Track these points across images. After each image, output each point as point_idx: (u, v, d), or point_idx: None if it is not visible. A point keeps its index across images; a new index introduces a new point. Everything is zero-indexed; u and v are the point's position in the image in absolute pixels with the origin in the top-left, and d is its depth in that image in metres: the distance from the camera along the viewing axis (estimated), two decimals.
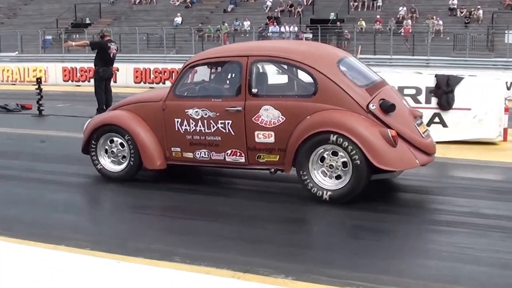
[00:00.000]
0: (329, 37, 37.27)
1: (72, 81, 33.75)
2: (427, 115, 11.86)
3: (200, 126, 8.55)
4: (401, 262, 6.11)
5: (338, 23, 38.00)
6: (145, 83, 31.27)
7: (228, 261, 5.81)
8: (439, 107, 12.14)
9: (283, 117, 8.07)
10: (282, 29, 38.64)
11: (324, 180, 7.92)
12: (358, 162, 7.65)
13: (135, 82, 31.46)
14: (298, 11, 40.76)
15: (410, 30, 36.53)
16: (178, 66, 24.70)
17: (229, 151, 8.46)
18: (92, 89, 17.72)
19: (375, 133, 7.73)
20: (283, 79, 9.07)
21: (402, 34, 36.95)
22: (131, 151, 9.01)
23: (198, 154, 8.67)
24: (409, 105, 8.88)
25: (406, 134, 7.98)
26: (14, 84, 33.71)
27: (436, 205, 8.21)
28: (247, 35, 39.23)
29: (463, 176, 10.10)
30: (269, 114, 8.14)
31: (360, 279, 5.45)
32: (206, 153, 8.61)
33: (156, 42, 39.83)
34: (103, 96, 16.49)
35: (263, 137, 8.20)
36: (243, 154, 8.40)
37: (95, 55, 16.69)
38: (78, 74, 33.64)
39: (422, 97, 12.22)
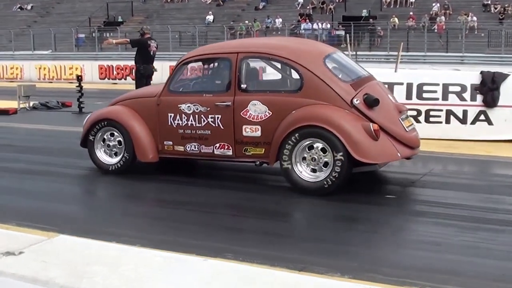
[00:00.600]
0: (362, 34, 37.29)
1: (108, 78, 34.02)
2: (472, 112, 11.87)
3: (191, 121, 8.92)
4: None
5: (371, 20, 37.96)
6: None
7: (280, 258, 5.84)
8: (484, 105, 12.02)
9: (269, 111, 8.40)
10: (315, 26, 38.71)
11: (306, 172, 8.18)
12: (340, 155, 7.88)
13: None
14: (330, 8, 40.80)
15: (444, 27, 36.35)
16: None
17: (217, 145, 8.81)
18: (129, 87, 18.00)
19: (357, 127, 7.98)
20: (271, 75, 9.51)
21: (436, 30, 36.73)
22: (126, 144, 9.39)
23: (188, 147, 9.03)
24: (395, 100, 9.08)
25: (389, 128, 8.24)
26: (51, 82, 34.10)
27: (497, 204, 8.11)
28: (279, 32, 39.30)
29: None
30: (256, 109, 8.47)
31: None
32: (196, 146, 8.97)
33: (188, 40, 40.08)
34: None
35: (250, 131, 8.55)
36: (230, 147, 8.74)
37: (135, 53, 16.78)
38: (115, 72, 33.98)
39: (467, 94, 12.13)
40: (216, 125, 8.76)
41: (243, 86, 8.63)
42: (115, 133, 9.53)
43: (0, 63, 37.20)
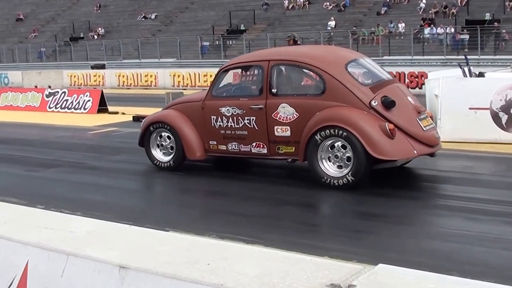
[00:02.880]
0: (486, 38, 36.86)
1: None
2: None
3: (230, 122, 9.89)
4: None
5: (495, 23, 37.46)
6: None
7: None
8: None
9: (297, 113, 9.25)
10: (439, 30, 38.45)
11: (331, 168, 9.00)
12: (359, 152, 8.67)
13: None
14: (453, 12, 40.40)
15: None
16: None
17: (254, 144, 9.76)
18: None
19: (374, 126, 8.71)
20: (299, 80, 10.21)
21: None
22: (176, 144, 10.51)
23: (230, 146, 10.03)
24: (415, 101, 9.58)
25: (405, 127, 8.91)
26: (185, 89, 35.05)
27: None
28: (402, 37, 39.28)
29: None
30: (285, 111, 9.34)
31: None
32: (236, 145, 9.95)
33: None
34: None
35: (281, 131, 9.43)
36: (265, 146, 9.67)
37: None
38: None
39: None
40: (252, 126, 9.70)
41: (274, 90, 9.55)
42: (168, 134, 10.67)
43: (131, 71, 38.30)
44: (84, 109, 21.24)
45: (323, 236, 7.34)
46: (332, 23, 42.50)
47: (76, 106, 21.49)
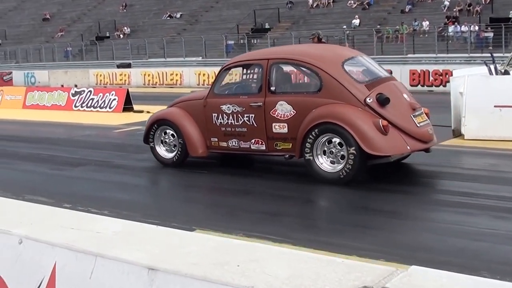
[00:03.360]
0: (510, 36, 36.46)
1: None
2: None
3: (231, 119, 10.14)
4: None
5: None
6: None
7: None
8: None
9: (294, 110, 9.46)
10: (463, 28, 38.21)
11: (326, 163, 9.24)
12: (352, 149, 8.88)
13: None
14: (477, 10, 40.14)
15: None
16: None
17: (253, 140, 10.00)
18: None
19: (368, 123, 8.91)
20: (297, 78, 10.52)
21: None
22: (179, 141, 10.76)
23: (230, 143, 10.28)
24: (410, 98, 9.77)
25: (399, 124, 9.12)
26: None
27: None
28: (426, 35, 39.04)
29: None
30: (283, 108, 9.56)
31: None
32: (236, 142, 10.20)
33: (335, 44, 40.45)
34: None
35: (279, 128, 9.66)
36: (264, 143, 9.91)
37: None
38: None
39: None
40: (251, 123, 9.94)
41: (272, 88, 9.78)
42: (171, 132, 10.93)
43: (156, 70, 38.56)
44: (110, 107, 21.34)
45: (353, 235, 7.22)
46: (356, 22, 42.31)
47: (102, 105, 21.60)
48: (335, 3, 47.03)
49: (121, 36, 54.56)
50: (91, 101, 22.10)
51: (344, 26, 41.52)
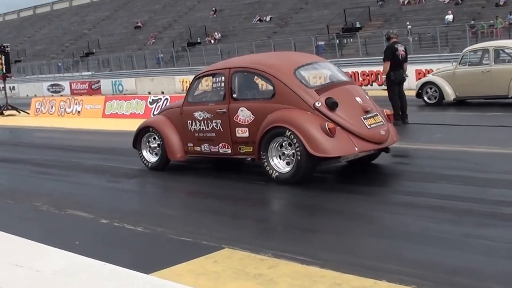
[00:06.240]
0: None
1: None
2: None
3: (202, 125, 10.92)
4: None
5: None
6: None
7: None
8: None
9: (253, 116, 10.16)
10: None
11: (280, 165, 9.84)
12: (299, 150, 9.44)
13: None
14: None
15: None
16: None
17: (221, 145, 10.73)
18: (376, 93, 17.99)
19: (315, 125, 9.44)
20: (254, 85, 10.95)
21: None
22: (161, 146, 11.60)
23: (203, 147, 11.04)
24: (364, 101, 10.15)
25: (347, 126, 9.60)
26: None
27: None
28: None
29: None
30: (244, 114, 10.27)
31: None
32: (207, 146, 10.96)
33: (428, 41, 39.32)
34: (398, 101, 15.99)
35: (241, 132, 10.36)
36: (229, 147, 10.62)
37: (382, 57, 16.45)
38: (360, 78, 32.73)
39: None
40: (218, 128, 10.67)
41: (234, 95, 10.51)
42: (155, 137, 11.76)
43: None
44: None
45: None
46: (449, 17, 40.85)
47: None
48: None
49: (212, 41, 54.83)
50: None
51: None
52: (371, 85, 31.09)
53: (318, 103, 9.67)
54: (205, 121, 10.85)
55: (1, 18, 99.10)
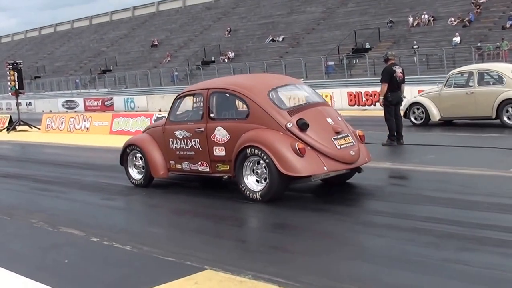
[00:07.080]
0: None
1: (357, 105, 33.17)
2: None
3: (182, 144, 11.27)
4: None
5: None
6: None
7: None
8: None
9: (229, 135, 10.49)
10: None
11: (253, 183, 10.15)
12: (271, 169, 9.75)
13: None
14: None
15: None
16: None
17: (199, 163, 11.05)
18: (378, 114, 18.10)
19: (286, 145, 9.76)
20: (230, 105, 11.10)
21: None
22: (145, 164, 11.99)
23: (184, 165, 11.37)
24: (336, 122, 10.43)
25: (317, 146, 9.89)
26: None
27: None
28: None
29: None
30: (220, 133, 10.60)
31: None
32: (188, 164, 11.28)
33: (435, 62, 39.73)
34: (393, 122, 15.96)
35: (218, 151, 10.67)
36: (207, 165, 10.93)
37: (380, 79, 16.33)
38: (364, 99, 33.05)
39: None
40: (197, 147, 11.00)
41: (212, 115, 10.84)
42: (140, 155, 12.13)
43: None
44: None
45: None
46: (457, 39, 41.24)
47: None
48: (435, 21, 46.14)
49: (226, 60, 55.44)
50: None
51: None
52: (374, 105, 31.26)
53: (290, 124, 9.96)
54: (185, 140, 11.14)
55: (23, 35, 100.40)
